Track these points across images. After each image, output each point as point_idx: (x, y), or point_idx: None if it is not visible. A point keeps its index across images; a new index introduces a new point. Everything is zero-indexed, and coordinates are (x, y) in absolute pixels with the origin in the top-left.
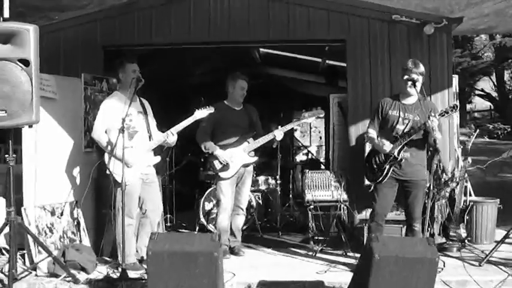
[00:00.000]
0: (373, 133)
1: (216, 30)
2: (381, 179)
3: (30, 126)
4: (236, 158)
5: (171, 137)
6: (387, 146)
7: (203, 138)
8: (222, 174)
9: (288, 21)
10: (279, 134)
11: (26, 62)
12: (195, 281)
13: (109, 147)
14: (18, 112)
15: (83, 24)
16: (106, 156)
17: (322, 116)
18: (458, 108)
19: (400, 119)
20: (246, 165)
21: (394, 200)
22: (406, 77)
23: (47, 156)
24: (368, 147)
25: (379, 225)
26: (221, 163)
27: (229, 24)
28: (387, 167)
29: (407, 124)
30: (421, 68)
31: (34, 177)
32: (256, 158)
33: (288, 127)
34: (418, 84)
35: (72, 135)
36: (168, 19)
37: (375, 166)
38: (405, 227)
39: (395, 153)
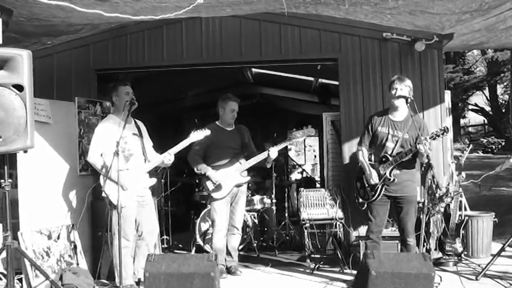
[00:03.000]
0: (363, 155)
1: (209, 51)
2: (374, 198)
3: (25, 151)
4: (228, 178)
5: (167, 158)
6: (374, 178)
7: (195, 159)
8: (214, 195)
9: (280, 41)
10: (272, 152)
11: (19, 88)
12: None
13: (104, 170)
14: (13, 137)
15: (76, 49)
16: (101, 179)
17: (313, 134)
18: (448, 131)
19: (390, 137)
20: (238, 185)
21: (387, 216)
22: (396, 93)
23: (42, 180)
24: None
25: (376, 242)
26: (213, 184)
27: (222, 45)
28: (379, 186)
29: (396, 142)
30: (407, 82)
31: (30, 201)
32: (248, 178)
33: (282, 146)
34: (405, 93)
35: (67, 158)
36: (160, 42)
37: (367, 185)
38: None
39: (388, 174)
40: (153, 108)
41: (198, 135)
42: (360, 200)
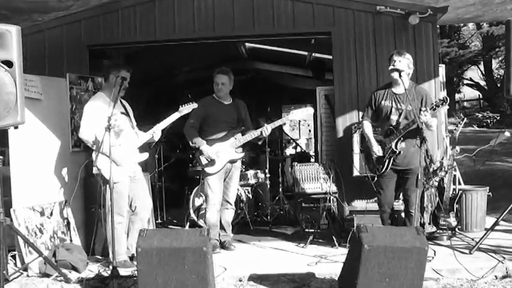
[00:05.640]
0: (368, 128)
1: (201, 26)
2: (383, 171)
3: (16, 128)
4: (222, 153)
5: (155, 135)
6: (377, 151)
7: (191, 132)
8: (208, 170)
9: (273, 14)
10: (266, 130)
11: (9, 63)
12: (185, 276)
13: (96, 146)
14: (3, 114)
15: (67, 25)
16: (94, 155)
17: (311, 113)
18: (448, 101)
19: (393, 110)
20: (232, 161)
21: (394, 188)
22: (390, 67)
23: (34, 157)
24: (356, 138)
25: (387, 212)
26: (207, 159)
27: (214, 20)
28: (387, 160)
29: (400, 114)
30: (406, 55)
31: (22, 178)
32: (243, 154)
33: (276, 124)
34: (404, 73)
35: (58, 135)
36: (152, 16)
37: (375, 160)
38: (399, 215)
39: (393, 147)
40: (147, 85)
41: (186, 108)
42: (357, 173)
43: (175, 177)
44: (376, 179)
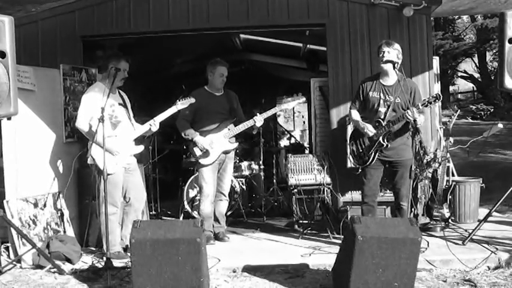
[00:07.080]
0: (356, 115)
1: (195, 17)
2: (368, 163)
3: (9, 119)
4: (216, 144)
5: (153, 127)
6: (371, 130)
7: (183, 124)
8: (202, 161)
9: (268, 6)
10: (258, 120)
11: (2, 54)
12: (178, 267)
13: (92, 136)
14: None
15: (61, 15)
16: (89, 145)
17: (302, 101)
18: (441, 98)
19: (381, 102)
20: (226, 152)
21: (380, 180)
22: (382, 58)
23: (28, 148)
24: (350, 130)
25: (371, 206)
26: (201, 150)
27: (209, 10)
28: (373, 152)
29: (388, 106)
30: (395, 45)
31: (15, 169)
32: (236, 144)
33: (269, 113)
34: (392, 57)
35: (52, 126)
36: (147, 7)
37: (360, 151)
38: (392, 206)
39: (381, 140)
40: (141, 76)
41: (183, 103)
42: (351, 165)
43: (169, 168)
44: (360, 170)
